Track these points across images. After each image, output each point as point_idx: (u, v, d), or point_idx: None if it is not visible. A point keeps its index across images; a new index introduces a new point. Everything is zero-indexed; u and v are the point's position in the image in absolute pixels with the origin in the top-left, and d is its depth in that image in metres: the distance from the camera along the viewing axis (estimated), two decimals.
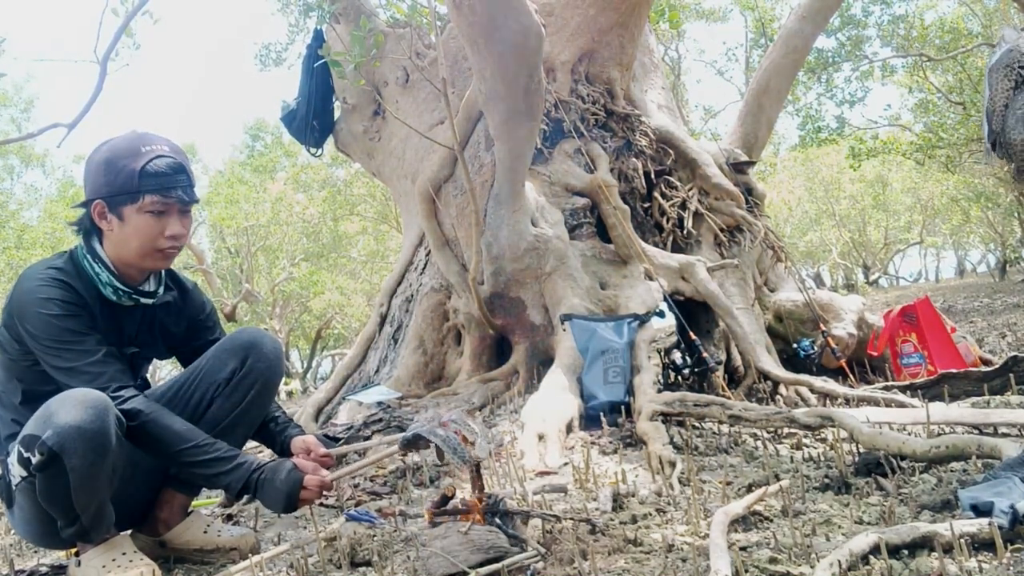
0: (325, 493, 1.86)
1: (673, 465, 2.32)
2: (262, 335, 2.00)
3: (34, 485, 1.64)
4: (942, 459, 1.99)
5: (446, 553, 1.52)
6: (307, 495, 1.75)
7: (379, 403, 3.64)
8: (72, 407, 1.59)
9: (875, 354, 4.29)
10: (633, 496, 2.06)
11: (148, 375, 2.22)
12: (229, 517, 2.47)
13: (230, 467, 1.73)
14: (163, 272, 1.98)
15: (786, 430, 2.74)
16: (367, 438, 3.15)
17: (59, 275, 1.79)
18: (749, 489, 2.00)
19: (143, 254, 1.84)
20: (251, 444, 2.15)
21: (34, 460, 1.59)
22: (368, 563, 1.75)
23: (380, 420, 3.29)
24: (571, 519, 1.74)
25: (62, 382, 1.72)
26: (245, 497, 2.16)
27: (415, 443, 1.73)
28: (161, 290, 1.97)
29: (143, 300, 1.91)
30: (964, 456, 1.97)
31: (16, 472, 1.67)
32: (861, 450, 2.24)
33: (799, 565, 1.41)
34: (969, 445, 1.95)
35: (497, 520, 1.65)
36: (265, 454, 3.02)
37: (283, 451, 2.00)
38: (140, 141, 1.82)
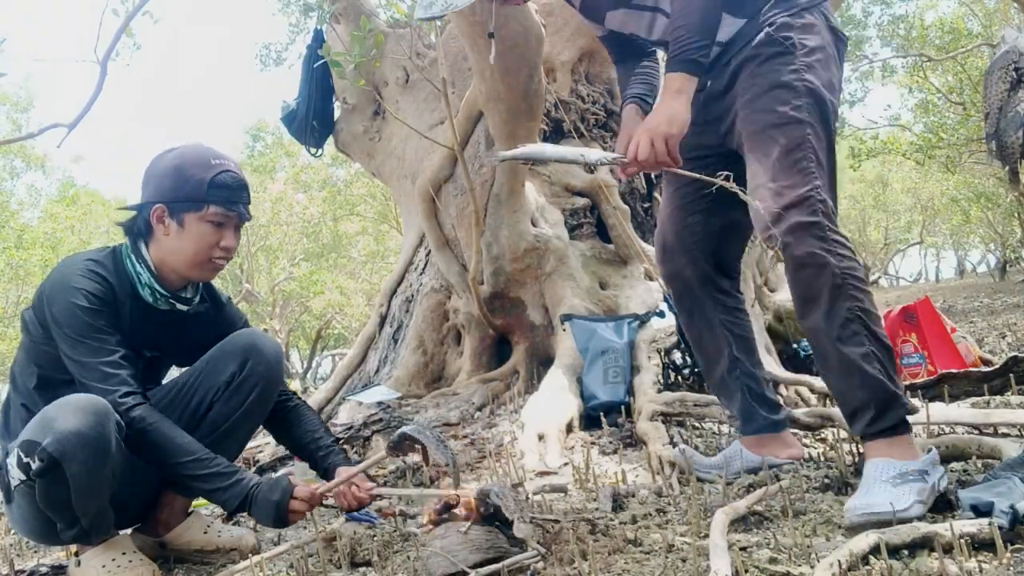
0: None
1: (673, 465, 2.32)
2: (262, 337, 2.00)
3: (33, 489, 1.64)
4: (942, 459, 1.99)
5: (446, 553, 1.51)
6: (297, 506, 1.76)
7: (379, 403, 3.64)
8: (72, 413, 1.59)
9: None
10: (633, 496, 2.06)
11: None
12: (229, 517, 2.47)
13: (228, 483, 1.73)
14: (200, 283, 2.00)
15: None
16: (367, 438, 3.15)
17: (97, 268, 1.81)
18: (749, 489, 2.00)
19: (194, 263, 1.88)
20: (251, 445, 2.16)
21: (34, 466, 1.59)
22: (368, 563, 1.75)
23: (380, 420, 3.29)
24: (571, 519, 1.74)
25: (73, 372, 1.74)
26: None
27: (400, 444, 1.76)
28: (197, 299, 1.99)
29: (179, 306, 1.93)
30: (964, 456, 1.98)
31: (15, 475, 1.67)
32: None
33: (799, 565, 1.41)
34: (969, 445, 1.96)
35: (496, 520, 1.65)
36: (264, 455, 3.02)
37: (327, 477, 1.98)
38: (210, 154, 1.89)
